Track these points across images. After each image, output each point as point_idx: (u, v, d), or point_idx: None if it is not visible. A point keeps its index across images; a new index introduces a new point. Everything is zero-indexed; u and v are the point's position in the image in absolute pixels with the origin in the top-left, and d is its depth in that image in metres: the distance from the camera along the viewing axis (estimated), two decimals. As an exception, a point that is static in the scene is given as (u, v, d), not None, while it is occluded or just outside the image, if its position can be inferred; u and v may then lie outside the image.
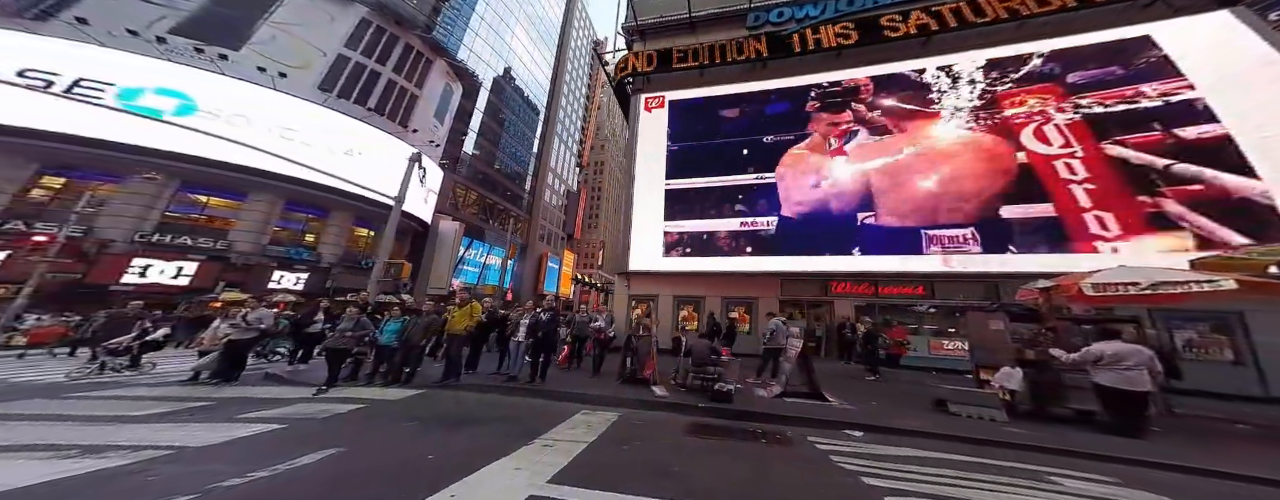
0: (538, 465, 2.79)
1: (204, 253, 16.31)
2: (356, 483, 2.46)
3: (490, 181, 33.89)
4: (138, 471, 2.55)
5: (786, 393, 5.46)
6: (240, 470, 2.54)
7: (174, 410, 4.03)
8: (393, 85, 24.60)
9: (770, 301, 11.36)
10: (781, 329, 6.55)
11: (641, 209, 13.23)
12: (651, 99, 14.99)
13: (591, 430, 3.72)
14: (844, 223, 11.10)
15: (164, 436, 3.21)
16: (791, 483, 2.80)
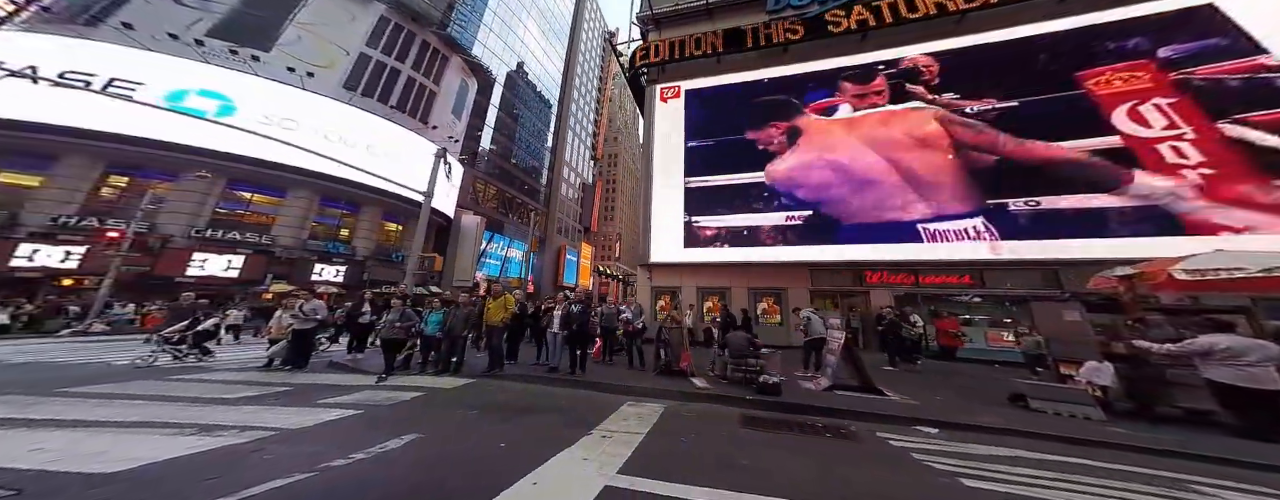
0: (603, 456, 2.81)
1: (251, 247, 17.21)
2: (446, 467, 2.54)
3: (508, 176, 34.21)
4: (255, 450, 2.69)
5: (835, 386, 5.26)
6: (340, 452, 2.64)
7: (260, 394, 4.22)
8: (412, 82, 24.84)
9: (800, 292, 11.03)
10: (816, 320, 6.37)
11: (660, 200, 13.05)
12: (667, 89, 14.59)
13: (643, 422, 3.72)
14: (883, 210, 10.57)
15: (263, 418, 3.36)
16: (885, 482, 2.61)
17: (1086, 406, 4.37)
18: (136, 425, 3.13)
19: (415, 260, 9.75)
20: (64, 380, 4.70)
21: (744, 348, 5.54)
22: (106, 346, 8.15)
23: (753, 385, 5.01)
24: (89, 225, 14.34)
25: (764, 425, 3.89)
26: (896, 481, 2.70)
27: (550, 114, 41.82)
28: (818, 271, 11.13)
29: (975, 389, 5.75)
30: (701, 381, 5.45)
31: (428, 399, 4.29)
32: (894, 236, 10.33)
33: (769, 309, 11.35)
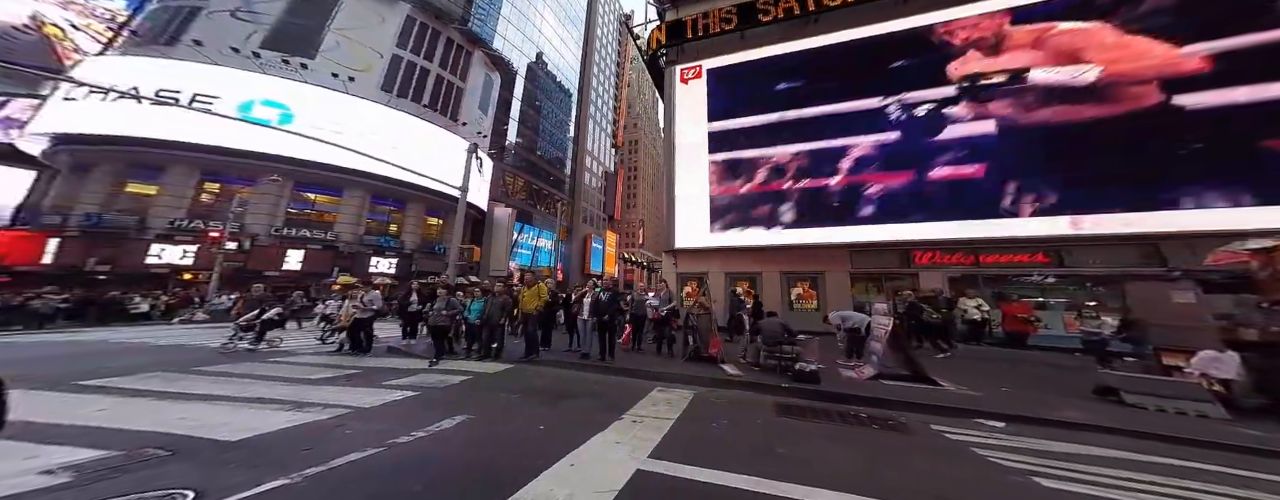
0: (635, 440, 2.85)
1: (319, 243, 19.26)
2: (494, 446, 2.70)
3: (534, 167, 34.88)
4: (337, 426, 3.01)
5: (882, 375, 4.91)
6: (403, 430, 2.89)
7: (335, 376, 4.73)
8: (441, 80, 25.57)
9: (839, 276, 10.37)
10: (856, 316, 6.04)
11: (684, 185, 12.63)
12: (687, 70, 13.80)
13: (672, 407, 3.73)
14: (934, 184, 9.57)
15: (340, 398, 3.75)
16: (944, 477, 2.41)
17: (1202, 402, 3.78)
18: (248, 400, 3.63)
19: (455, 252, 10.39)
20: (193, 361, 5.58)
21: (778, 334, 5.34)
22: (209, 332, 9.54)
23: (788, 373, 4.84)
24: (196, 227, 16.72)
25: (801, 413, 3.75)
26: (956, 476, 2.48)
27: (571, 103, 41.54)
28: (859, 253, 10.38)
29: (1048, 379, 5.19)
30: (732, 368, 5.35)
31: (474, 383, 4.59)
32: (950, 212, 9.33)
33: (805, 294, 10.83)
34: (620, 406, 3.71)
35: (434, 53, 25.39)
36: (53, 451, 2.46)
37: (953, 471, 2.59)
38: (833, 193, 10.80)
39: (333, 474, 2.23)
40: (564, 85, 40.56)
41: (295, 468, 2.26)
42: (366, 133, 19.59)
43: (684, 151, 13.08)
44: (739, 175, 12.06)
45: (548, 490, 2.09)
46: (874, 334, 5.41)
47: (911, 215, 9.77)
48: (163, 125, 16.16)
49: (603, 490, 2.12)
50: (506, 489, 2.06)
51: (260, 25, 20.06)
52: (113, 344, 7.59)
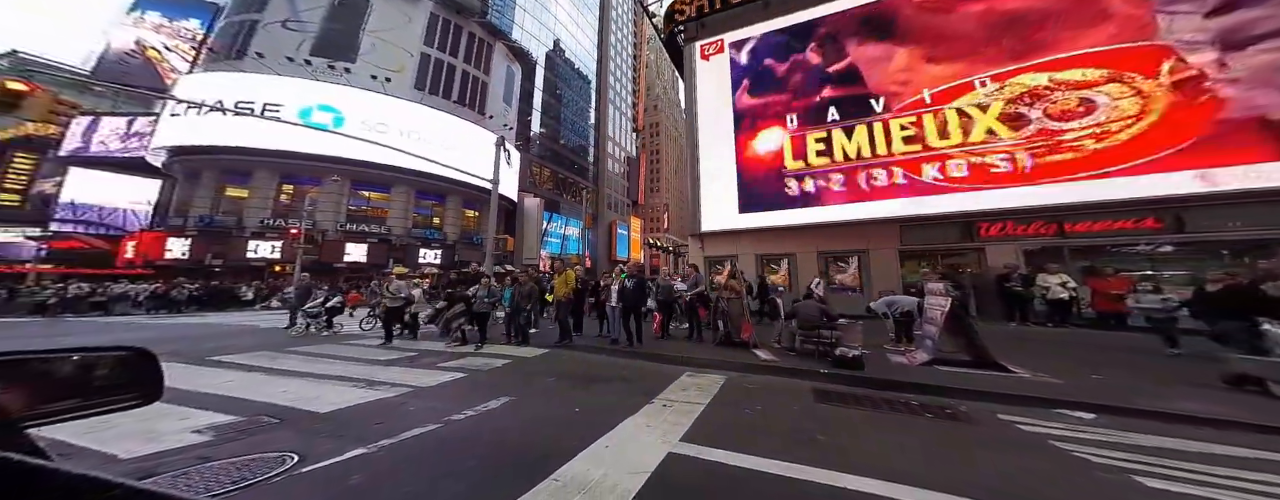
0: (665, 424, 2.86)
1: (376, 237, 21.30)
2: (536, 426, 2.85)
3: (558, 157, 35.21)
4: (402, 403, 3.33)
5: (937, 360, 4.44)
6: (456, 408, 3.14)
7: (398, 358, 5.24)
8: (467, 76, 26.07)
9: (885, 254, 9.41)
10: (903, 299, 5.51)
11: (710, 166, 12.01)
12: (707, 45, 12.81)
13: (703, 392, 3.70)
14: (1011, 147, 8.28)
15: (403, 378, 4.15)
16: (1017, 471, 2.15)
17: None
18: (331, 378, 4.15)
19: (490, 242, 10.98)
20: (287, 342, 6.47)
21: (815, 318, 4.99)
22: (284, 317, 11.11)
23: (828, 358, 4.55)
24: (279, 225, 19.14)
25: (843, 400, 3.53)
26: (1032, 470, 2.22)
27: (590, 90, 40.75)
28: (912, 228, 9.32)
29: (1152, 366, 4.47)
30: (765, 353, 5.15)
31: (514, 366, 4.87)
32: (1025, 177, 8.07)
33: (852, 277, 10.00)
34: (651, 391, 3.73)
35: (458, 48, 25.77)
36: (199, 415, 3.00)
37: (1027, 465, 2.32)
38: (880, 164, 9.74)
39: (401, 446, 2.49)
40: (582, 72, 39.72)
41: (371, 439, 2.55)
42: (406, 131, 20.75)
43: (708, 131, 12.41)
44: (770, 151, 11.24)
45: (585, 470, 2.18)
46: (927, 316, 4.91)
47: (977, 183, 8.55)
48: (245, 134, 18.22)
49: (636, 471, 2.17)
50: (547, 467, 2.18)
51: (307, 33, 21.37)
52: (229, 326, 9.05)
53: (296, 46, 20.94)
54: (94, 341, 4.45)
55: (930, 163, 9.21)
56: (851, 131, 10.25)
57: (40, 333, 9.27)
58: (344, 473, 2.15)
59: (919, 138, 9.43)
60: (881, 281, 8.94)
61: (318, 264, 18.98)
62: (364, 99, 20.53)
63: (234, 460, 2.28)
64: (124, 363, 0.64)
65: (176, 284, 14.87)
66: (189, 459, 2.31)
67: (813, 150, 10.68)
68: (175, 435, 2.62)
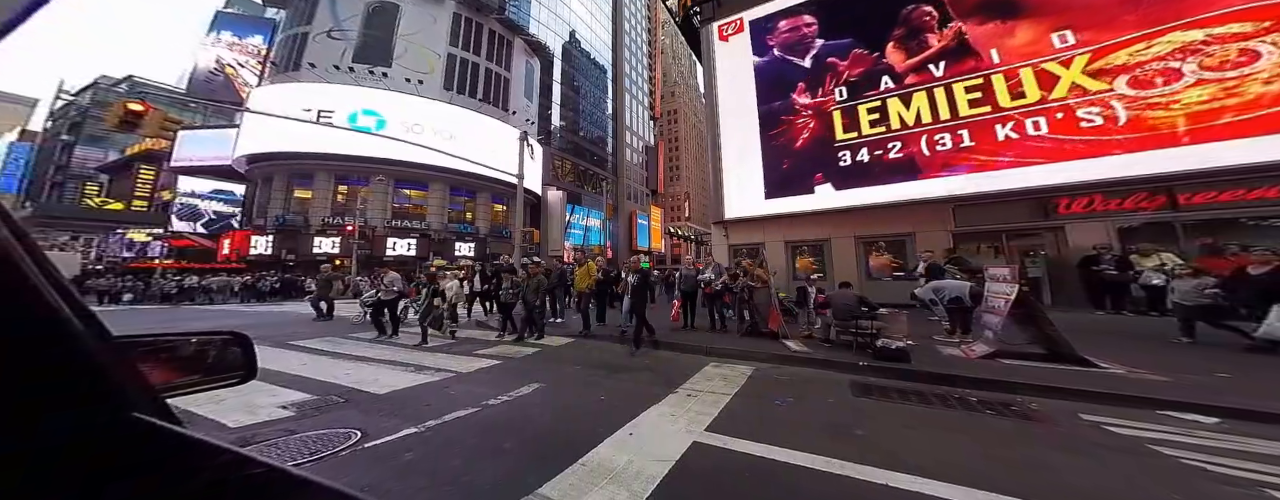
0: (690, 413, 2.83)
1: (418, 232, 22.92)
2: (564, 412, 2.95)
3: (578, 149, 35.33)
4: (445, 387, 3.57)
5: (1001, 353, 3.96)
6: (492, 393, 3.33)
7: (440, 345, 5.61)
8: (490, 73, 26.53)
9: (935, 236, 8.38)
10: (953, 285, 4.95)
11: (732, 152, 11.45)
12: (726, 25, 11.97)
13: (728, 383, 3.61)
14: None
15: (446, 363, 4.45)
16: (1100, 476, 1.89)
17: None
18: (384, 362, 4.54)
19: (518, 235, 11.38)
20: (347, 330, 7.17)
21: (852, 307, 4.57)
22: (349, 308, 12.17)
23: (867, 350, 4.19)
24: (337, 222, 21.12)
25: (886, 394, 3.27)
26: (1128, 477, 1.91)
27: (606, 79, 40.02)
28: (967, 208, 8.29)
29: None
30: (796, 344, 4.89)
31: (543, 355, 5.05)
32: (1126, 144, 6.88)
33: (887, 264, 9.23)
34: (674, 380, 3.71)
35: (480, 46, 26.17)
36: (284, 392, 3.40)
37: (1120, 470, 2.01)
38: (929, 137, 8.75)
39: (446, 426, 2.69)
40: (598, 62, 38.99)
41: (421, 419, 2.77)
42: (439, 131, 21.70)
43: (729, 115, 11.78)
44: (799, 132, 10.46)
45: (610, 456, 2.22)
46: (987, 303, 4.35)
47: (1056, 153, 7.40)
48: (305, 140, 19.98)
49: (661, 459, 2.17)
50: (575, 452, 2.25)
51: (349, 41, 22.64)
52: (301, 314, 10.21)
53: (340, 54, 22.28)
54: (205, 326, 5.07)
55: (1002, 123, 8.05)
56: (909, 99, 9.21)
57: (167, 318, 11.05)
58: (399, 450, 2.35)
59: (989, 99, 8.28)
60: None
61: (370, 257, 20.81)
62: (401, 101, 21.62)
63: (310, 434, 2.57)
64: (228, 345, 0.73)
65: (261, 277, 17.02)
66: (277, 431, 2.64)
67: (848, 127, 9.76)
68: (267, 409, 3.01)
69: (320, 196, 21.66)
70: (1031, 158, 7.68)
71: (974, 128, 8.39)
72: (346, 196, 22.03)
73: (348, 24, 22.78)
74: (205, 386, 0.69)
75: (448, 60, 24.46)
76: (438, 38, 24.30)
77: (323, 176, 21.62)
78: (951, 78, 8.81)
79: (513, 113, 27.05)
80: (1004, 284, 4.19)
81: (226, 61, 25.67)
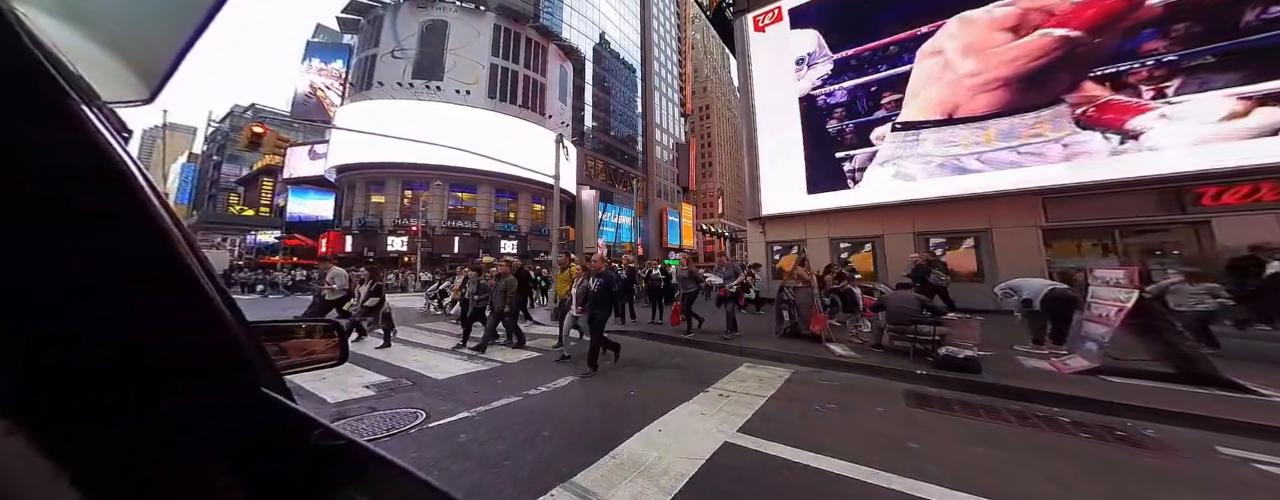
0: (722, 413, 2.78)
1: (468, 231, 25.11)
2: (595, 406, 3.04)
3: (609, 148, 35.82)
4: (492, 375, 3.89)
5: (1108, 369, 3.39)
6: (532, 384, 3.55)
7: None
8: (528, 80, 27.85)
9: (1019, 232, 7.27)
10: (1031, 284, 4.21)
11: (770, 146, 10.80)
12: (762, 15, 11.19)
13: (764, 385, 3.48)
14: None
15: (495, 354, 4.77)
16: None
17: None
18: (443, 351, 5.02)
19: (555, 233, 11.89)
20: (415, 319, 8.19)
21: (911, 311, 4.08)
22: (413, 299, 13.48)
23: (927, 358, 3.79)
24: (405, 223, 23.87)
25: (948, 407, 2.92)
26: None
27: (635, 78, 39.82)
28: (1063, 201, 7.00)
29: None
30: (841, 348, 4.51)
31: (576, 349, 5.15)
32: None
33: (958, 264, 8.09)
34: (705, 380, 3.65)
35: (518, 55, 27.52)
36: (367, 374, 3.92)
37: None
38: (1011, 117, 7.52)
39: (494, 412, 2.92)
40: (628, 61, 38.91)
41: (472, 404, 3.04)
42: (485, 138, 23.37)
43: (767, 108, 11.11)
44: (849, 122, 9.55)
45: (640, 451, 2.23)
46: (1093, 311, 3.70)
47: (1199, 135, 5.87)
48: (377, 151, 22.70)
49: (691, 457, 2.15)
50: (606, 444, 2.31)
51: (408, 59, 25.17)
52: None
53: (402, 72, 24.87)
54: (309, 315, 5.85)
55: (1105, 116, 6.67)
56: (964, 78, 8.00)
57: (282, 306, 13.40)
58: (455, 432, 2.59)
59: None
60: (1012, 269, 6.80)
61: (431, 255, 23.14)
62: (452, 112, 23.62)
63: (386, 412, 2.93)
64: (326, 331, 0.85)
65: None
66: (363, 408, 3.05)
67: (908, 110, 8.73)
68: (356, 388, 3.49)
69: (391, 200, 24.56)
70: (1162, 143, 6.13)
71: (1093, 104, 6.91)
72: (411, 200, 24.69)
73: (406, 43, 25.27)
74: (310, 367, 0.79)
75: (490, 70, 26.12)
76: (482, 49, 26.00)
77: (392, 183, 24.46)
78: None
79: (549, 116, 28.16)
80: (1116, 288, 3.48)
81: (317, 85, 29.89)
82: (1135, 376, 3.27)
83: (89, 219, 0.28)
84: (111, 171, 0.30)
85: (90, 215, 0.28)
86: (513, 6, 26.66)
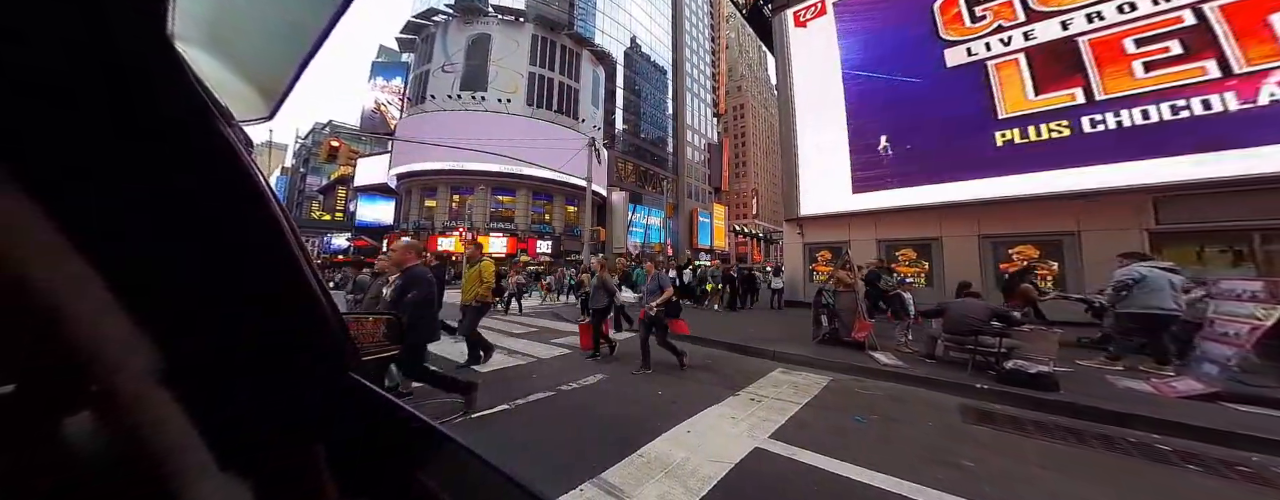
0: (753, 418, 2.72)
1: (509, 232, 26.86)
2: (624, 404, 3.08)
3: (640, 150, 36.15)
4: (530, 371, 4.05)
5: (1228, 395, 2.87)
6: (564, 380, 3.69)
7: (524, 332, 6.48)
8: (563, 86, 29.15)
9: (1109, 237, 6.13)
10: (1154, 278, 3.49)
11: (810, 144, 10.19)
12: (804, 10, 10.61)
13: (799, 391, 3.35)
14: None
15: (529, 349, 5.08)
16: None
17: None
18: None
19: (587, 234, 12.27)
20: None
21: (977, 319, 3.65)
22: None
23: (989, 372, 3.43)
24: (453, 225, 26.16)
25: (1016, 426, 2.61)
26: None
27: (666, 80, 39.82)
28: (1177, 199, 5.86)
29: None
30: (887, 357, 4.23)
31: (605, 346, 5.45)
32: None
33: (1043, 272, 6.97)
34: (736, 383, 3.59)
35: (554, 62, 28.90)
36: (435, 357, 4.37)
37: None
38: (1129, 104, 6.31)
39: (530, 406, 3.07)
40: (659, 64, 39.02)
41: (510, 398, 3.22)
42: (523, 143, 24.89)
43: (808, 106, 10.49)
44: (905, 116, 8.72)
45: (668, 451, 2.23)
46: (1219, 329, 3.24)
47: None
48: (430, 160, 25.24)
49: (719, 461, 2.11)
50: (634, 442, 2.32)
51: (456, 73, 27.57)
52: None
53: (451, 85, 27.33)
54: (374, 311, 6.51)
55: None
56: (1047, 56, 6.89)
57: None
58: (495, 422, 2.78)
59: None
60: (1097, 277, 5.72)
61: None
62: (494, 120, 25.47)
63: (436, 401, 3.20)
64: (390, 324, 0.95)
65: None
66: (419, 395, 3.36)
67: (1017, 91, 7.46)
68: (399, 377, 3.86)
69: (441, 204, 27.04)
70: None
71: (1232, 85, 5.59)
72: (458, 204, 26.97)
73: (455, 57, 27.73)
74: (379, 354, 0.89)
75: (529, 79, 27.74)
76: (521, 59, 27.68)
77: (442, 188, 26.94)
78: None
79: (582, 121, 29.22)
80: (1251, 303, 2.96)
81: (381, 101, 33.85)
82: (1264, 405, 2.71)
83: (239, 225, 0.33)
84: (253, 187, 0.34)
85: (240, 223, 0.34)
86: (549, 16, 28.09)
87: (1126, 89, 6.36)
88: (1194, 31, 5.93)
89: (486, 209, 26.40)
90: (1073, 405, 2.82)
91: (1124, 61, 6.42)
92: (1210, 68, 5.77)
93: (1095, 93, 6.61)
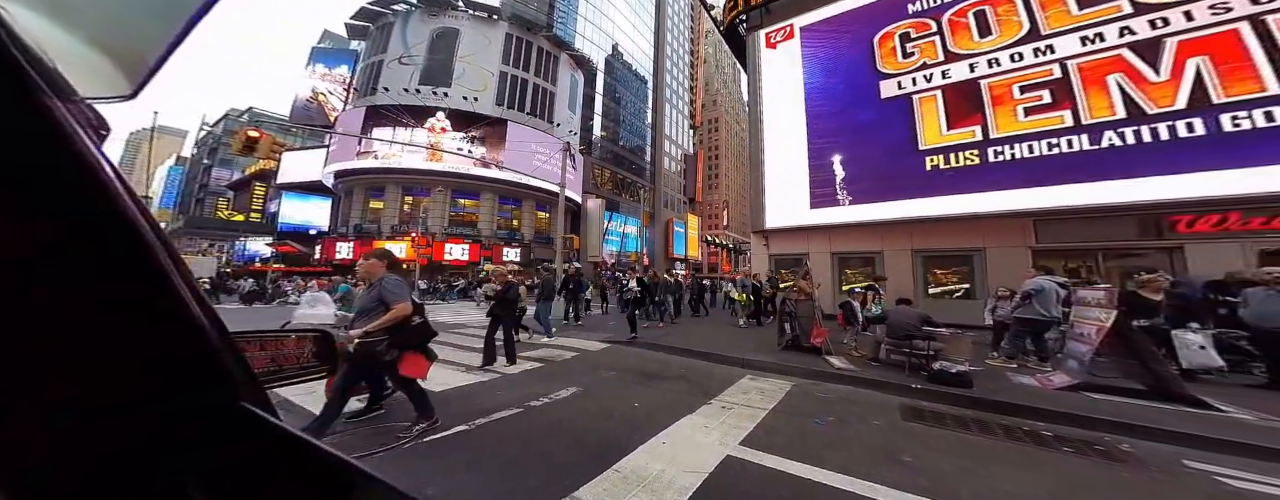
0: (724, 426, 2.85)
1: (470, 239, 25.40)
2: (598, 417, 3.06)
3: (618, 158, 36.62)
4: (493, 387, 3.89)
5: (1088, 386, 3.65)
6: (533, 395, 3.55)
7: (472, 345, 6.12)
8: (537, 88, 28.90)
9: (1010, 253, 7.61)
10: (1048, 289, 4.42)
11: (776, 160, 11.16)
12: (775, 32, 11.86)
13: (765, 397, 3.57)
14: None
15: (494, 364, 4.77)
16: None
17: None
18: (443, 362, 5.08)
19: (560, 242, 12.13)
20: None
21: (910, 326, 4.35)
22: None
23: (922, 372, 4.02)
24: (404, 229, 24.22)
25: (941, 421, 3.10)
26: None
27: (646, 90, 41.27)
28: (1052, 223, 7.44)
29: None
30: (840, 361, 4.74)
31: (580, 359, 5.22)
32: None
33: (942, 278, 8.57)
34: (709, 391, 3.74)
35: (529, 63, 28.67)
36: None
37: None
38: (1014, 142, 7.81)
39: (494, 425, 2.91)
40: (639, 73, 40.40)
41: (471, 418, 3.03)
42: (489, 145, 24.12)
43: (774, 124, 11.53)
44: (851, 139, 9.91)
45: (645, 463, 2.27)
46: (1075, 330, 3.98)
47: (1176, 163, 6.34)
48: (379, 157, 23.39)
49: (694, 470, 2.19)
50: (609, 457, 2.32)
51: (416, 66, 26.18)
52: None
53: (408, 78, 25.86)
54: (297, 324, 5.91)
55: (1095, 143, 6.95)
56: (967, 95, 8.34)
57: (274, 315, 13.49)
58: (452, 446, 2.59)
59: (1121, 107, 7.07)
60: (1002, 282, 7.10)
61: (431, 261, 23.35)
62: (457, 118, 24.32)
63: (381, 426, 2.94)
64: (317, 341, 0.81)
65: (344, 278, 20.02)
66: (355, 421, 3.05)
67: (909, 132, 8.99)
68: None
69: (390, 206, 25.03)
70: (1140, 170, 6.46)
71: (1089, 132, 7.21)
72: (412, 206, 25.18)
73: (415, 50, 26.47)
74: (299, 379, 0.75)
75: (500, 78, 27.16)
76: (492, 57, 27.09)
77: (392, 189, 25.02)
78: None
79: (557, 125, 29.06)
80: (1097, 308, 3.71)
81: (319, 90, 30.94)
82: (1112, 393, 3.49)
83: (50, 217, 0.26)
84: (78, 168, 0.28)
85: (52, 213, 0.26)
86: (526, 16, 28.01)
87: (1013, 129, 7.97)
88: (1059, 84, 7.65)
89: (445, 212, 24.90)
90: (982, 400, 3.44)
91: (1011, 104, 8.06)
92: (1067, 117, 7.47)
93: (991, 131, 8.18)
